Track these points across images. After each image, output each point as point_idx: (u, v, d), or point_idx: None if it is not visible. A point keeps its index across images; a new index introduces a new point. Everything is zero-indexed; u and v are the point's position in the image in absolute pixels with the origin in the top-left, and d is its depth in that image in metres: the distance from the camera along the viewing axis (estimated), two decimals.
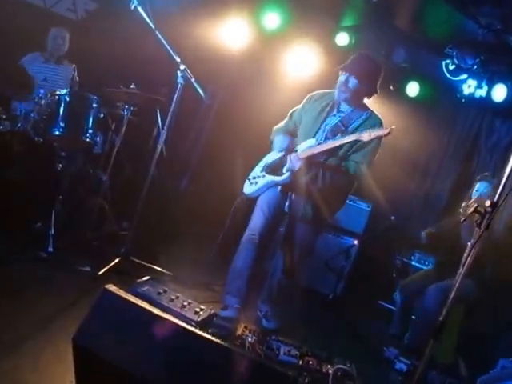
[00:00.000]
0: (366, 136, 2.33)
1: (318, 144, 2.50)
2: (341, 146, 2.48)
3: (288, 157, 2.56)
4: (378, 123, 2.52)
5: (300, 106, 2.74)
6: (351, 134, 2.44)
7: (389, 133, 2.31)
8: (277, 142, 2.68)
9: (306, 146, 2.53)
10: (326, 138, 2.52)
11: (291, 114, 2.77)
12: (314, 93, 2.72)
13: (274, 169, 2.64)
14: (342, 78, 2.52)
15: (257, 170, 2.74)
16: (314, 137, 2.55)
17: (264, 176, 2.66)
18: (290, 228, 2.69)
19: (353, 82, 2.47)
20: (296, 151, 2.57)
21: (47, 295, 2.24)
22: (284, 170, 2.58)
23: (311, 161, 2.50)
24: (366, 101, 2.61)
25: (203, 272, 3.31)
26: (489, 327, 3.02)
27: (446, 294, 2.70)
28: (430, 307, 2.86)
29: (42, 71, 3.33)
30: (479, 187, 3.12)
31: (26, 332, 1.85)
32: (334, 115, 2.58)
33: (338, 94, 2.54)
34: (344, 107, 2.58)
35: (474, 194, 3.15)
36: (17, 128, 2.88)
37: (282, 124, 2.78)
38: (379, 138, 2.47)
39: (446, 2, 3.63)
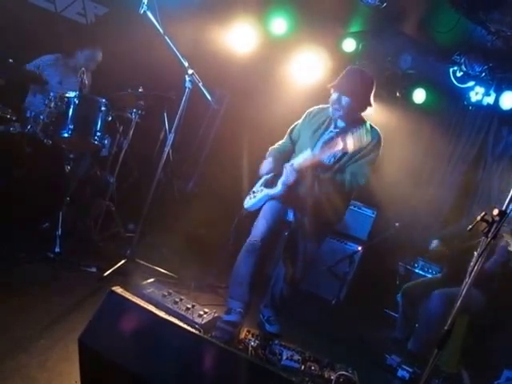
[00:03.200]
0: (349, 146, 2.32)
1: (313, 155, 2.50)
2: (337, 160, 2.49)
3: (284, 170, 2.58)
4: (376, 137, 2.52)
5: (299, 122, 2.75)
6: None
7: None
8: (263, 167, 2.68)
9: (301, 158, 2.55)
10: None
11: (291, 130, 2.79)
12: (312, 109, 2.73)
13: (270, 182, 2.66)
14: (334, 96, 2.52)
15: (257, 185, 2.77)
16: (314, 152, 2.54)
17: (262, 190, 2.69)
18: (293, 236, 2.71)
19: (345, 99, 2.47)
20: (292, 165, 2.58)
21: (54, 295, 2.27)
22: (278, 183, 2.60)
23: (306, 173, 2.51)
24: (363, 113, 2.59)
25: (207, 275, 3.33)
26: (493, 337, 3.00)
27: (451, 299, 2.71)
28: (434, 311, 2.85)
29: (58, 74, 3.39)
30: None
31: (33, 331, 1.88)
32: (331, 131, 2.59)
33: (333, 111, 2.55)
34: (340, 123, 2.59)
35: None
36: (26, 130, 2.92)
37: (279, 143, 2.79)
38: (376, 150, 2.51)
39: (454, 9, 3.62)
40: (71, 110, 2.83)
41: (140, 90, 3.33)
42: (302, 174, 2.51)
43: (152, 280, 2.71)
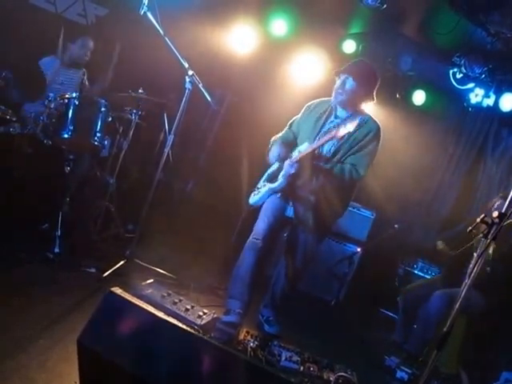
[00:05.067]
0: (341, 132, 2.34)
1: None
2: (336, 152, 2.51)
3: (284, 163, 2.60)
4: (375, 128, 2.53)
5: (299, 116, 2.77)
6: (347, 138, 2.48)
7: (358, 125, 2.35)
8: (271, 153, 2.72)
9: (300, 150, 2.57)
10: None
11: (290, 124, 2.81)
12: (311, 102, 2.75)
13: (273, 177, 2.69)
14: (338, 81, 2.57)
15: (261, 181, 2.80)
16: (312, 143, 2.56)
17: (265, 185, 2.71)
18: (293, 235, 2.72)
19: (350, 83, 2.50)
20: (291, 158, 2.60)
21: (53, 295, 2.27)
22: (279, 176, 2.62)
23: (306, 164, 2.52)
24: (364, 107, 2.62)
25: (207, 276, 3.33)
26: (492, 339, 3.00)
27: (452, 300, 2.71)
28: (434, 311, 2.85)
29: (59, 75, 3.40)
30: (499, 205, 3.01)
31: (33, 331, 1.88)
32: (332, 121, 2.61)
33: (335, 96, 2.56)
34: (341, 113, 2.60)
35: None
36: (26, 130, 2.92)
37: (280, 134, 2.81)
38: (375, 140, 2.51)
39: (454, 11, 3.64)
40: (71, 111, 2.83)
41: (140, 91, 3.33)
42: (302, 166, 2.52)
43: (151, 281, 2.71)
